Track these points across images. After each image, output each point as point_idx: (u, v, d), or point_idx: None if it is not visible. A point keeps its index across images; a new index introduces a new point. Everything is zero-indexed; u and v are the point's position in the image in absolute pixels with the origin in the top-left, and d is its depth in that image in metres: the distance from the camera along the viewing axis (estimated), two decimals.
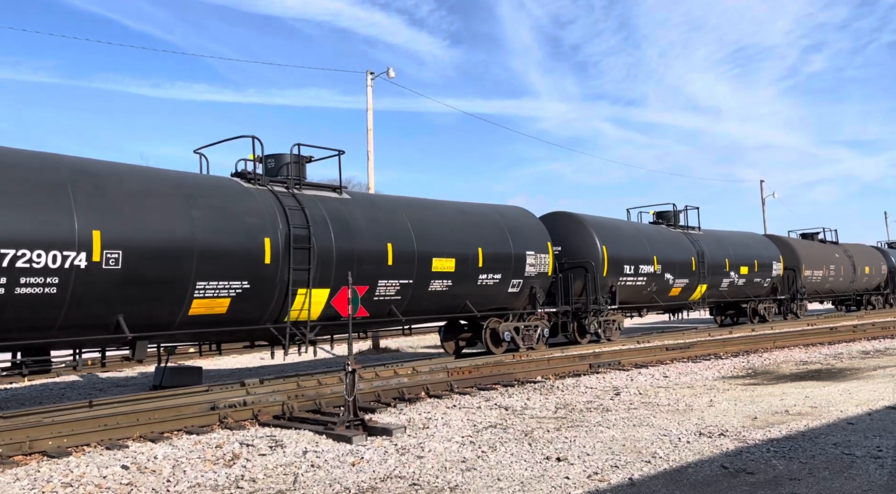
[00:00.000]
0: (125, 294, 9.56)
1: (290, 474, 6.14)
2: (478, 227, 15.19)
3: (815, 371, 12.56)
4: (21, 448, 7.31)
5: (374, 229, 12.91)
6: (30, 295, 8.66)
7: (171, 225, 10.07)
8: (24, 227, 8.65)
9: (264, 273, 11.10)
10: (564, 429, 7.77)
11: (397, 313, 13.40)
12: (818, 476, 5.52)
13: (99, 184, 9.64)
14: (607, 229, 19.07)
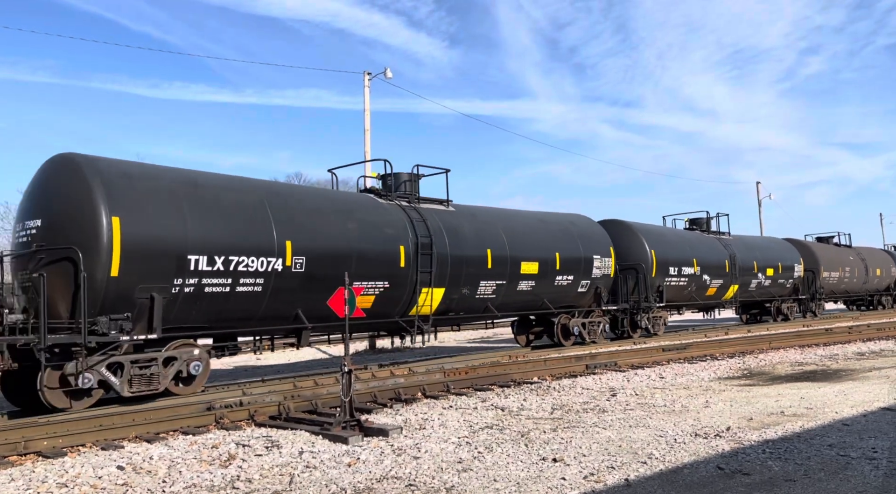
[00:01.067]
0: (304, 292, 11.94)
1: (287, 474, 6.13)
2: (555, 234, 17.70)
3: (810, 372, 12.59)
4: (16, 448, 7.29)
5: (476, 237, 15.35)
6: (245, 292, 11.17)
7: (336, 235, 12.57)
8: (244, 239, 11.12)
9: (399, 274, 13.50)
10: (561, 430, 7.77)
11: (493, 309, 15.97)
12: (813, 477, 5.54)
13: (284, 203, 12.10)
14: (654, 235, 21.49)
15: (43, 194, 10.26)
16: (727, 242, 25.35)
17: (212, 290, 10.76)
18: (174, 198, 10.63)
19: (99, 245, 9.60)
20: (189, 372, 10.65)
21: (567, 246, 17.72)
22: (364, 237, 12.99)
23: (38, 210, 10.20)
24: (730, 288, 24.66)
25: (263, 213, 11.51)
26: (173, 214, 10.49)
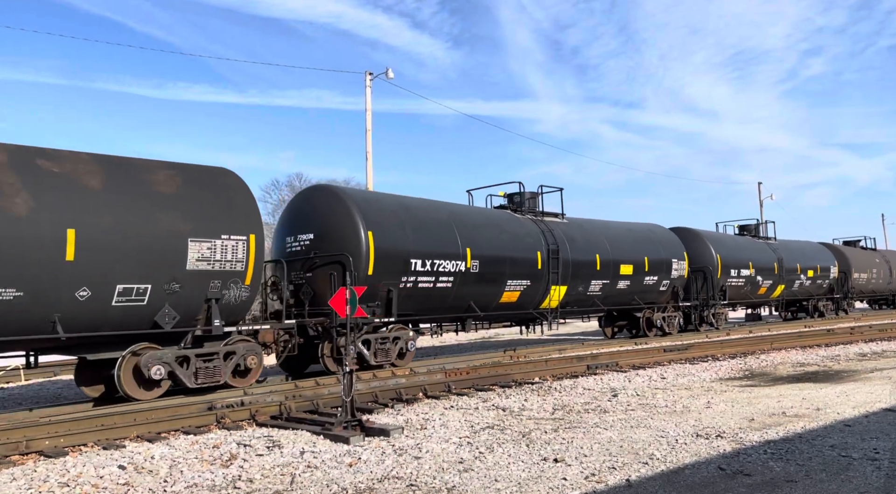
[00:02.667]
0: (477, 287, 15.30)
1: (288, 474, 6.13)
2: (641, 241, 20.79)
3: (812, 373, 12.57)
4: (18, 447, 7.30)
5: (587, 244, 18.68)
6: (441, 287, 14.52)
7: (497, 244, 15.95)
8: (441, 247, 14.49)
9: (537, 274, 16.86)
10: (562, 430, 7.77)
11: (599, 304, 19.38)
12: (815, 477, 5.53)
13: (462, 219, 15.52)
14: (718, 241, 24.67)
15: (312, 214, 13.52)
16: (774, 246, 28.21)
17: (422, 286, 14.13)
18: (397, 218, 13.96)
19: (361, 252, 12.92)
20: (406, 348, 13.91)
21: (652, 250, 20.81)
22: (513, 245, 16.42)
23: (309, 226, 13.43)
24: (777, 287, 27.64)
25: (451, 228, 15.02)
26: (400, 229, 13.84)
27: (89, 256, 9.27)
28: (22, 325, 8.90)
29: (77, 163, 9.71)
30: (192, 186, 10.77)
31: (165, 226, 10.12)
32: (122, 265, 9.58)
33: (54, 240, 9.00)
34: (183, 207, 10.41)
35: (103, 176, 9.82)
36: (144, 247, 9.83)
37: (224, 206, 10.94)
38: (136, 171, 10.30)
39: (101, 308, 9.47)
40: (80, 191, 9.43)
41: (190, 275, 10.26)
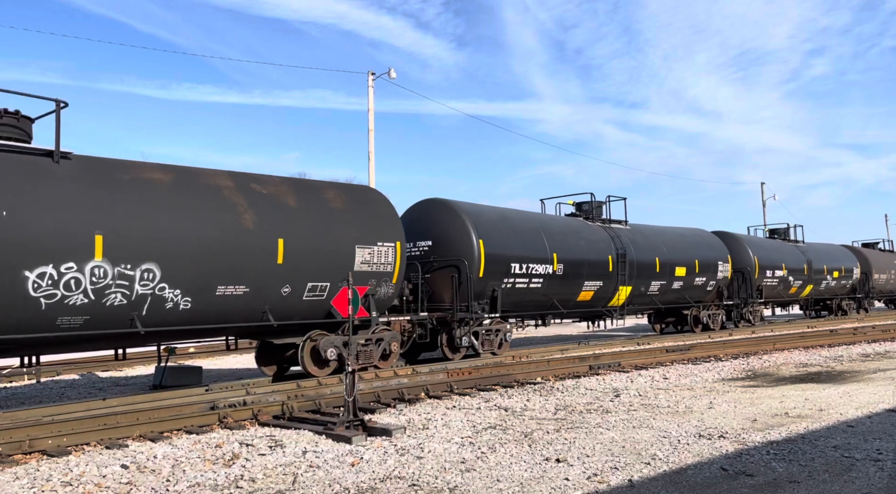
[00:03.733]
0: (560, 288, 17.58)
1: (290, 474, 6.14)
2: (691, 245, 23.02)
3: (814, 373, 12.55)
4: (21, 446, 7.31)
5: (648, 248, 20.74)
6: (533, 287, 16.75)
7: (576, 249, 18.07)
8: (533, 252, 16.73)
9: (608, 276, 18.98)
10: (564, 431, 7.77)
11: (657, 302, 21.69)
12: (818, 478, 5.52)
13: (547, 227, 17.79)
14: (756, 244, 26.87)
15: (429, 223, 15.71)
16: (803, 249, 30.32)
17: (518, 286, 16.36)
18: (499, 227, 16.20)
19: (474, 257, 15.14)
20: (504, 339, 16.19)
21: (701, 253, 23.07)
22: (589, 249, 18.53)
23: (427, 234, 15.62)
24: (806, 287, 29.81)
25: (539, 235, 17.22)
26: (502, 237, 16.06)
27: (292, 260, 11.50)
28: (245, 315, 11.16)
29: (277, 185, 12.06)
30: (353, 202, 13.06)
31: (340, 235, 12.38)
32: (312, 267, 11.81)
33: (270, 248, 11.21)
34: (350, 220, 12.68)
35: (296, 195, 12.08)
36: (326, 252, 12.04)
37: (377, 218, 13.20)
38: (316, 191, 12.64)
39: (296, 301, 11.76)
40: (283, 208, 11.67)
41: (356, 275, 12.35)
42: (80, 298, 9.29)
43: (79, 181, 9.57)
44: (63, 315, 9.22)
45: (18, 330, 8.93)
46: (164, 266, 9.98)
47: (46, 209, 9.08)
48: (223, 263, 10.61)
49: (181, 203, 10.39)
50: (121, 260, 9.58)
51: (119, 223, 9.63)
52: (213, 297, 10.58)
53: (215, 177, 11.25)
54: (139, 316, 9.87)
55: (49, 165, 9.42)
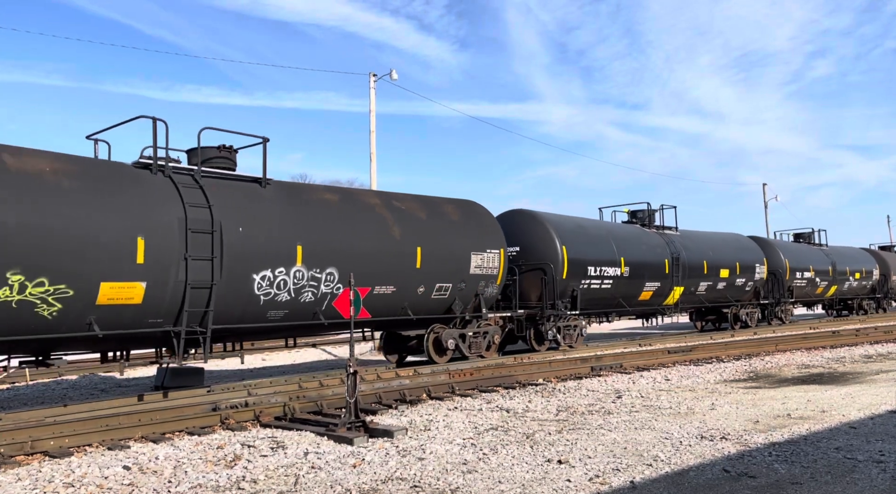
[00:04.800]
0: (625, 288, 19.61)
1: (292, 475, 6.14)
2: (732, 248, 25.20)
3: (817, 374, 12.53)
4: (23, 447, 7.32)
5: (697, 252, 22.96)
6: (604, 288, 18.91)
7: (639, 253, 20.22)
8: (604, 256, 18.84)
9: (664, 278, 21.11)
10: (566, 432, 7.76)
11: (704, 301, 23.78)
12: (820, 480, 5.51)
13: (615, 234, 19.95)
14: (786, 247, 29.22)
15: (516, 231, 17.41)
16: (827, 251, 32.26)
17: (593, 287, 18.48)
18: (576, 234, 18.33)
19: (558, 261, 17.31)
20: (580, 333, 18.33)
21: (741, 256, 25.09)
22: (649, 253, 20.64)
23: (515, 241, 17.27)
24: (831, 288, 31.76)
25: (609, 242, 19.36)
26: (580, 243, 18.17)
27: (427, 265, 13.68)
28: (391, 310, 13.36)
29: (410, 202, 14.29)
30: (465, 215, 15.30)
31: (459, 243, 14.54)
32: (440, 270, 13.98)
33: (411, 254, 13.41)
34: (464, 230, 14.85)
35: (425, 210, 14.37)
36: (449, 258, 14.19)
37: (484, 228, 15.41)
38: (437, 206, 14.90)
39: (426, 299, 13.94)
40: (418, 221, 13.96)
41: (471, 277, 14.74)
42: (285, 296, 11.52)
43: (280, 202, 11.83)
44: (272, 309, 11.46)
45: (244, 321, 11.19)
46: (340, 269, 12.20)
47: (265, 225, 11.31)
48: (379, 267, 12.86)
49: (348, 218, 12.68)
50: (313, 265, 11.85)
51: (312, 235, 11.90)
52: (372, 295, 12.72)
53: (367, 196, 13.89)
54: (321, 310, 12.14)
55: (259, 190, 11.72)
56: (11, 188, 8.70)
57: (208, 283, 10.35)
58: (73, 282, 9.07)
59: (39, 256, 8.77)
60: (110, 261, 9.41)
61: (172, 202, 10.24)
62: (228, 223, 10.72)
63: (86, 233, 9.20)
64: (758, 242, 27.57)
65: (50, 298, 8.96)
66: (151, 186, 10.23)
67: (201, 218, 10.41)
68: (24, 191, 8.83)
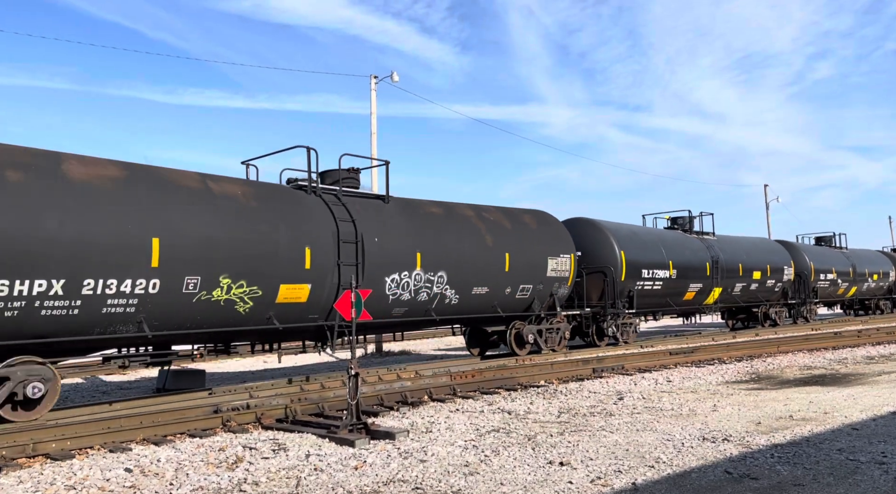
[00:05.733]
0: (672, 289, 21.55)
1: (293, 477, 6.13)
2: (763, 251, 27.16)
3: (819, 376, 12.51)
4: (24, 450, 7.32)
5: (733, 256, 24.77)
6: (655, 289, 20.78)
7: (683, 256, 22.02)
8: (654, 259, 20.65)
9: (706, 279, 23.05)
10: (567, 434, 7.75)
11: (738, 301, 25.54)
12: (822, 481, 5.50)
13: (664, 239, 21.83)
14: (811, 251, 30.94)
15: (578, 238, 18.47)
16: (847, 254, 34.38)
17: (646, 288, 20.34)
18: (632, 240, 20.19)
19: (618, 265, 19.20)
20: (635, 330, 20.27)
21: (771, 258, 27.00)
22: (693, 257, 22.56)
23: (578, 246, 18.25)
24: (851, 288, 33.80)
25: (659, 246, 21.22)
26: (635, 248, 20.01)
27: (513, 268, 15.64)
28: (484, 308, 15.40)
29: (495, 212, 16.41)
30: (540, 224, 17.28)
31: (537, 249, 16.48)
32: (523, 273, 15.91)
33: (501, 260, 15.38)
34: (541, 238, 16.81)
35: (508, 220, 16.41)
36: (530, 263, 16.14)
37: (556, 235, 17.33)
38: (517, 216, 16.90)
39: (511, 299, 15.89)
40: (504, 230, 15.90)
41: (547, 279, 16.69)
42: (406, 295, 13.51)
43: (400, 216, 13.85)
44: (396, 307, 13.49)
45: (376, 317, 13.01)
46: (448, 272, 14.17)
47: (392, 235, 13.27)
48: (476, 271, 14.81)
49: (451, 228, 14.68)
50: (429, 269, 13.79)
51: (427, 243, 13.89)
52: (470, 295, 14.84)
53: (463, 208, 15.66)
54: (432, 307, 14.12)
55: (383, 205, 13.74)
56: (220, 209, 10.82)
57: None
58: (262, 284, 11.12)
59: (241, 263, 10.81)
60: (287, 267, 11.45)
61: (327, 218, 12.36)
62: (367, 235, 12.79)
63: (271, 243, 11.24)
64: (785, 246, 29.46)
65: (245, 297, 11.01)
66: (310, 205, 12.35)
67: (348, 230, 12.49)
68: (229, 211, 10.90)
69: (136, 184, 10.13)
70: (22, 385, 8.88)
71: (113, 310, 9.63)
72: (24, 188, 8.90)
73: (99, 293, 9.40)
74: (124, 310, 9.73)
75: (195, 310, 10.42)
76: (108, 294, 9.49)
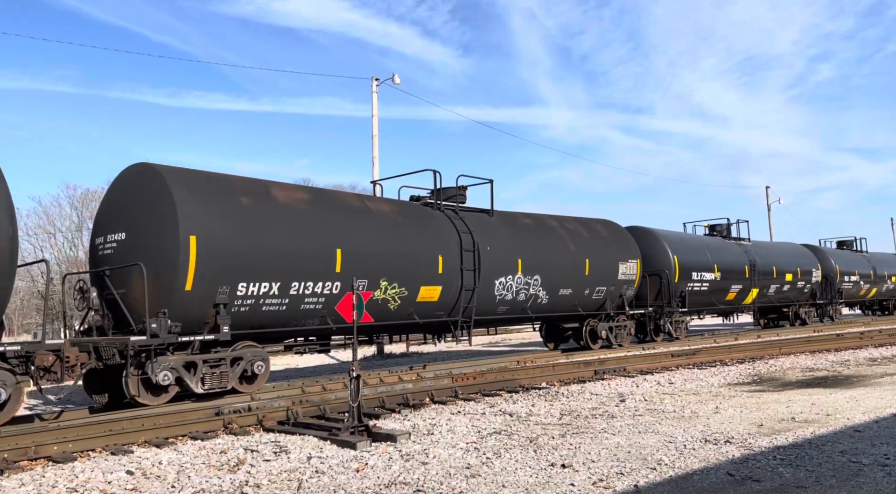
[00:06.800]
0: (716, 290, 23.92)
1: (295, 480, 6.13)
2: (794, 255, 29.41)
3: (821, 378, 12.49)
4: (26, 452, 7.32)
5: (768, 259, 27.04)
6: (702, 290, 23.07)
7: (724, 261, 24.28)
8: (701, 263, 23.08)
9: (745, 281, 25.38)
10: (569, 436, 7.74)
11: (773, 301, 27.79)
12: (825, 483, 5.49)
13: (708, 246, 24.16)
14: (835, 254, 32.91)
15: (636, 243, 20.29)
16: (868, 257, 36.70)
17: (695, 289, 22.69)
18: (682, 245, 22.59)
19: (672, 268, 21.48)
20: (686, 328, 22.62)
21: (801, 262, 29.25)
22: (734, 261, 24.85)
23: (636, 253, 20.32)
24: (872, 289, 36.26)
25: (705, 251, 23.60)
26: (686, 252, 22.37)
27: (592, 272, 18.07)
28: (567, 308, 18.00)
29: (573, 222, 18.78)
30: (610, 232, 19.58)
31: (610, 254, 18.84)
32: (598, 276, 18.35)
33: (582, 264, 17.82)
34: (612, 244, 19.14)
35: (586, 230, 18.78)
36: (605, 267, 18.52)
37: (624, 242, 19.68)
38: (591, 225, 19.24)
39: (588, 299, 18.39)
40: (583, 238, 18.35)
41: (618, 282, 19.08)
42: (509, 296, 15.97)
43: (502, 227, 16.34)
44: (501, 305, 15.94)
45: (486, 314, 15.76)
46: (542, 276, 16.63)
47: (498, 244, 15.78)
48: (562, 274, 17.21)
49: (542, 237, 17.14)
50: (527, 273, 16.30)
51: (525, 251, 16.34)
52: (557, 295, 17.28)
53: (549, 219, 18.10)
54: (528, 306, 16.62)
55: (488, 218, 16.28)
56: (377, 224, 13.33)
57: (472, 287, 14.98)
58: (408, 285, 13.65)
59: (394, 268, 13.30)
60: (426, 271, 13.99)
61: (451, 230, 14.88)
62: (481, 244, 15.23)
63: (415, 252, 13.82)
64: (812, 250, 31.57)
65: (396, 296, 13.50)
66: (439, 219, 14.97)
67: (468, 241, 15.00)
68: (384, 226, 13.47)
69: (319, 205, 12.62)
70: (250, 363, 11.26)
71: (308, 307, 12.09)
72: (251, 210, 11.40)
73: (300, 293, 11.84)
74: (314, 307, 12.17)
75: None
76: (306, 294, 11.95)
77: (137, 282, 10.37)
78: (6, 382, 8.63)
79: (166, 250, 10.41)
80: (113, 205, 11.48)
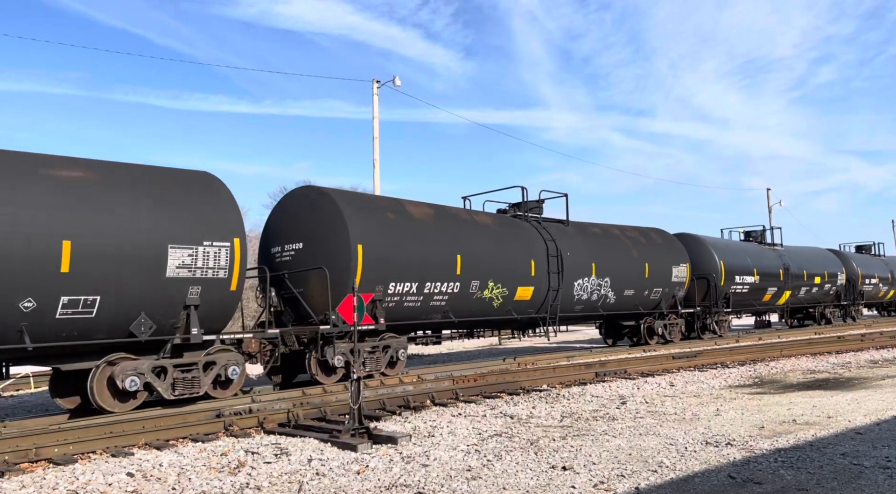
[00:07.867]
0: (755, 291, 25.60)
1: (295, 482, 6.13)
2: (821, 259, 31.00)
3: (822, 380, 12.48)
4: (27, 455, 7.32)
5: (800, 263, 28.70)
6: (743, 291, 24.92)
7: (763, 265, 26.20)
8: (743, 267, 24.91)
9: (779, 284, 26.89)
10: (570, 438, 7.73)
11: (803, 302, 29.47)
12: (826, 486, 5.48)
13: (747, 250, 26.01)
14: (857, 259, 34.67)
15: (686, 250, 22.35)
16: (885, 261, 38.46)
17: (738, 291, 24.52)
18: (727, 251, 24.48)
19: (719, 271, 23.17)
20: (729, 326, 24.42)
21: (827, 265, 31.00)
22: (769, 265, 26.69)
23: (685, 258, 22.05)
24: (890, 291, 37.93)
25: (745, 256, 25.32)
26: (730, 257, 24.20)
27: (651, 275, 20.20)
28: (630, 307, 20.00)
29: (632, 231, 20.87)
30: (663, 239, 21.69)
31: (665, 259, 20.88)
32: (656, 279, 20.43)
33: (642, 268, 19.94)
34: (667, 250, 21.21)
35: (643, 237, 20.79)
36: (661, 271, 20.59)
37: (675, 248, 21.64)
38: (647, 233, 21.35)
39: (647, 299, 20.52)
40: (642, 245, 20.41)
41: (671, 284, 21.03)
42: (584, 295, 18.14)
43: (577, 235, 18.57)
44: (577, 304, 18.13)
45: (565, 312, 17.77)
46: (611, 278, 18.80)
47: (575, 251, 17.93)
48: (628, 277, 19.35)
49: (609, 244, 19.37)
50: (599, 276, 18.47)
51: (597, 256, 18.53)
52: (623, 296, 19.38)
53: (612, 228, 20.20)
54: (599, 305, 18.79)
55: (564, 227, 18.51)
56: (484, 234, 15.72)
57: (556, 288, 17.17)
58: (508, 286, 15.94)
59: (498, 271, 15.60)
60: (521, 274, 16.23)
61: (538, 239, 17.13)
62: (563, 250, 17.42)
63: (513, 257, 16.13)
64: (835, 254, 33.31)
65: (499, 295, 15.77)
66: (527, 229, 17.23)
67: (553, 247, 17.23)
68: (488, 235, 15.81)
69: (441, 218, 14.98)
70: (395, 350, 13.72)
71: (435, 304, 14.42)
72: (396, 223, 13.76)
73: (431, 292, 14.20)
74: (439, 304, 14.50)
75: (475, 304, 15.32)
76: (435, 292, 14.29)
77: (316, 283, 12.73)
78: (238, 362, 11.02)
79: (341, 256, 12.76)
80: (286, 220, 13.83)
